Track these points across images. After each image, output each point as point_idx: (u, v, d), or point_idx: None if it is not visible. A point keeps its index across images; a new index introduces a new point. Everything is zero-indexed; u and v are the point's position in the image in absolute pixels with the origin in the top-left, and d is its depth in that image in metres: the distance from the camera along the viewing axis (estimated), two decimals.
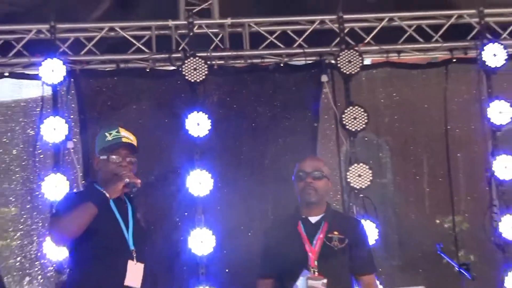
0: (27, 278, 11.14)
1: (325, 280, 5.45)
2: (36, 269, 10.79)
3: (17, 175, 10.63)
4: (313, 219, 5.68)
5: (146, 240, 5.34)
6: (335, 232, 5.62)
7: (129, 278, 4.82)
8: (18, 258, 11.05)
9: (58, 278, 9.06)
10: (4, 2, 9.56)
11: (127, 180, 4.93)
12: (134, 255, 4.86)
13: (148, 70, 9.42)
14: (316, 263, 5.50)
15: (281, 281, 5.65)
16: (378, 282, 6.79)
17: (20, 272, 11.15)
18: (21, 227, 11.10)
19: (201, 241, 8.68)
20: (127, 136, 5.36)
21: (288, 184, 8.76)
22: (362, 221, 7.74)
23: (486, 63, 9.16)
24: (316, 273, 5.49)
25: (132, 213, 5.14)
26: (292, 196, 6.85)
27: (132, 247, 4.94)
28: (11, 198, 10.82)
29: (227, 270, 8.86)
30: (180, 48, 9.27)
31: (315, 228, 5.63)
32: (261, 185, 9.12)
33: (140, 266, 4.94)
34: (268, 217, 8.47)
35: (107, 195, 4.88)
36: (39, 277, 10.83)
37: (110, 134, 5.39)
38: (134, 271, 4.90)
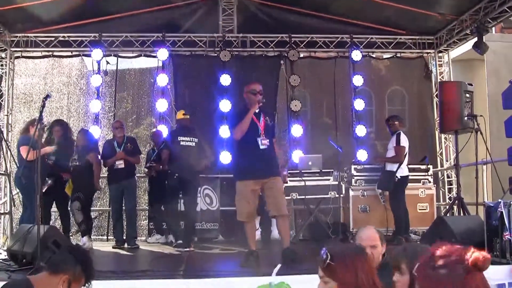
0: None
1: (267, 140, 6.93)
2: None
3: (147, 98, 13.52)
4: (257, 111, 6.95)
5: None
6: (267, 118, 7.08)
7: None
8: None
9: None
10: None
11: None
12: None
13: (204, 55, 12.10)
14: (263, 131, 6.95)
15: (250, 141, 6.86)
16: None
17: None
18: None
19: None
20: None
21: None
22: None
23: (353, 59, 12.04)
24: (263, 136, 6.94)
25: None
26: None
27: None
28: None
29: None
30: (219, 46, 11.86)
31: (259, 115, 7.03)
32: None
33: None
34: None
35: None
36: None
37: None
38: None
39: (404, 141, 9.38)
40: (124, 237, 9.56)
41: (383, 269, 4.06)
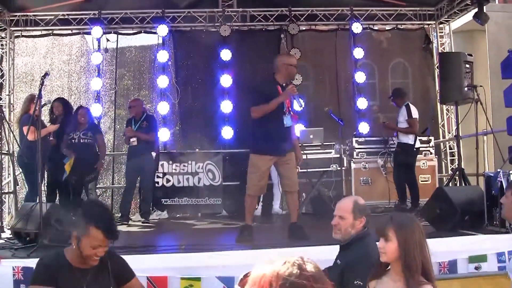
0: None
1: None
2: None
3: (148, 75, 13.71)
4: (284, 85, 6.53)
5: None
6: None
7: None
8: None
9: None
10: None
11: None
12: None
13: (204, 30, 12.12)
14: (288, 109, 6.50)
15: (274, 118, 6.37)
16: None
17: None
18: None
19: None
20: None
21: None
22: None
23: (353, 31, 12.01)
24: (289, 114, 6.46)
25: None
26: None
27: None
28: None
29: None
30: (219, 21, 11.82)
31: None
32: (252, 77, 11.13)
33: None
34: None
35: None
36: None
37: None
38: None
39: (415, 112, 9.33)
40: (129, 214, 9.58)
41: (359, 240, 4.13)
